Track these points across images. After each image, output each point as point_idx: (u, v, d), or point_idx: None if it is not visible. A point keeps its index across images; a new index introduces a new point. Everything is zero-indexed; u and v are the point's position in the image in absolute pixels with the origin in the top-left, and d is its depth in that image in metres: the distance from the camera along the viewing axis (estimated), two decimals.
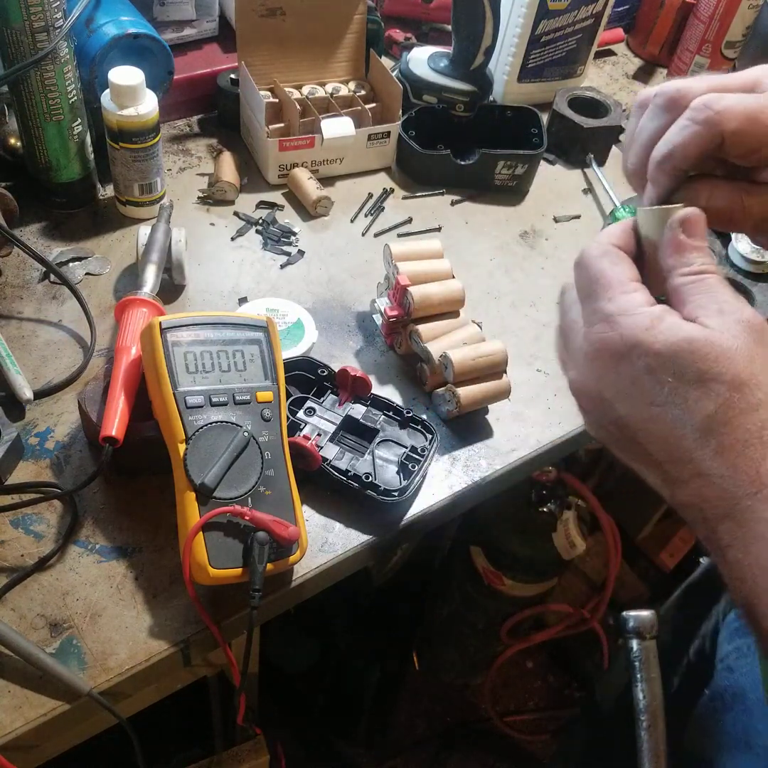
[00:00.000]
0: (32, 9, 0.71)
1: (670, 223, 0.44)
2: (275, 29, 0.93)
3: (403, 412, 0.71)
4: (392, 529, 0.67)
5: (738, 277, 0.93)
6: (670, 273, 0.44)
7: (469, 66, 0.99)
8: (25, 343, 0.75)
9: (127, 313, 0.70)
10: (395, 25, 1.18)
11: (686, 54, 1.19)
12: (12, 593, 0.59)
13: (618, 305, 0.42)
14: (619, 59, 1.28)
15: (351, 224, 0.93)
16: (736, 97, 0.46)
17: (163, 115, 0.84)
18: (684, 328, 0.41)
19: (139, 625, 0.59)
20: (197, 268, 0.85)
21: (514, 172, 0.98)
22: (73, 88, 0.79)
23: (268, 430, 0.60)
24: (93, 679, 0.56)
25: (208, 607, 0.58)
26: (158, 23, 0.95)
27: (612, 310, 0.42)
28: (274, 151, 0.91)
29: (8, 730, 0.53)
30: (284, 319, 0.77)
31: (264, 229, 0.90)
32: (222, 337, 0.61)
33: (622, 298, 0.43)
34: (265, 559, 0.56)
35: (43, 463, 0.67)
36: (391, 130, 0.96)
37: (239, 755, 0.83)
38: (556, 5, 1.04)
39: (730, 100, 0.45)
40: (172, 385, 0.58)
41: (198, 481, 0.56)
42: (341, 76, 1.01)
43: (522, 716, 1.57)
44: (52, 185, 0.85)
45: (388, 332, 0.79)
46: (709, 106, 0.45)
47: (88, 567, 0.61)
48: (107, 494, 0.65)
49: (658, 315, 0.42)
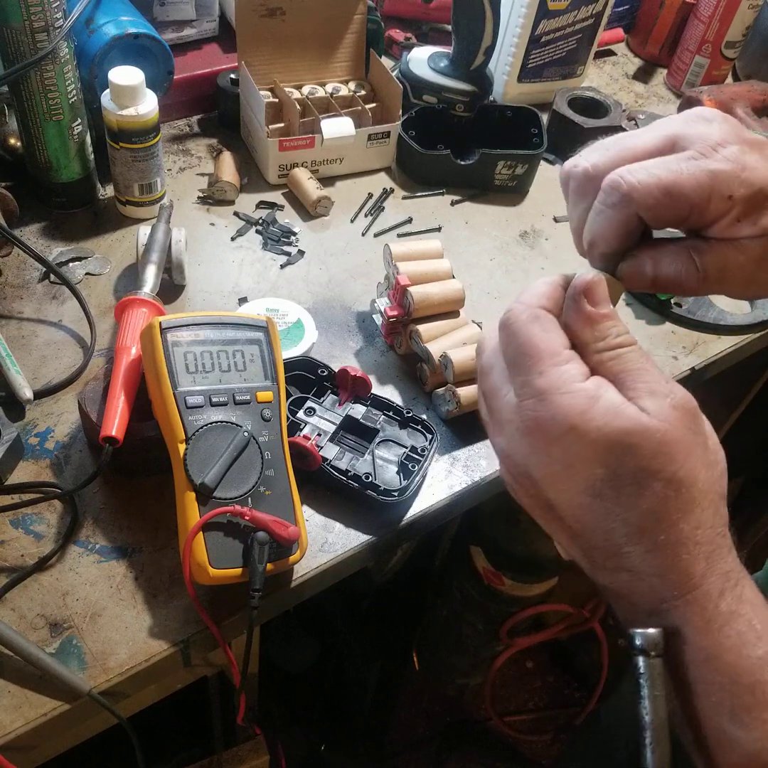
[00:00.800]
0: (32, 9, 0.71)
1: (573, 295, 0.42)
2: (275, 29, 0.93)
3: (403, 412, 0.71)
4: (392, 529, 0.67)
5: None
6: (586, 348, 0.41)
7: (469, 66, 0.99)
8: (25, 343, 0.75)
9: (127, 313, 0.70)
10: (395, 25, 1.18)
11: (686, 54, 1.19)
12: (12, 593, 0.59)
13: (550, 381, 0.39)
14: (619, 59, 1.28)
15: (351, 224, 0.93)
16: (649, 170, 0.42)
17: (163, 115, 0.84)
18: (621, 414, 0.38)
19: (139, 625, 0.59)
20: (197, 268, 0.85)
21: (514, 172, 0.98)
22: (73, 88, 0.79)
23: (268, 430, 0.60)
24: (93, 679, 0.56)
25: (208, 607, 0.58)
26: (158, 23, 0.95)
27: (544, 386, 0.39)
28: (274, 151, 0.91)
29: (8, 730, 0.53)
30: (284, 319, 0.77)
31: (264, 229, 0.90)
32: (222, 337, 0.61)
33: (554, 373, 0.40)
34: (265, 559, 0.56)
35: (43, 463, 0.67)
36: (391, 130, 0.96)
37: (239, 755, 0.83)
38: (556, 5, 1.04)
39: (641, 174, 0.41)
40: (172, 385, 0.58)
41: (198, 481, 0.56)
42: (341, 76, 1.01)
43: (522, 716, 1.57)
44: (52, 185, 0.85)
45: (388, 332, 0.79)
46: (617, 188, 0.42)
47: (88, 567, 0.61)
48: (107, 494, 0.65)
49: (593, 394, 0.39)
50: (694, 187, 0.41)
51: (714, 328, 0.87)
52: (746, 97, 1.12)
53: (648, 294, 0.87)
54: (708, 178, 0.41)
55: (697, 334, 0.87)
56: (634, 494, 0.39)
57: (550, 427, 0.39)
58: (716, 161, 0.41)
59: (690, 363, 0.84)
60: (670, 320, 0.88)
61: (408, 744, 1.51)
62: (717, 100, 1.11)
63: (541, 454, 0.40)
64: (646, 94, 1.23)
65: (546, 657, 1.64)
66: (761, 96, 1.13)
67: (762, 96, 1.13)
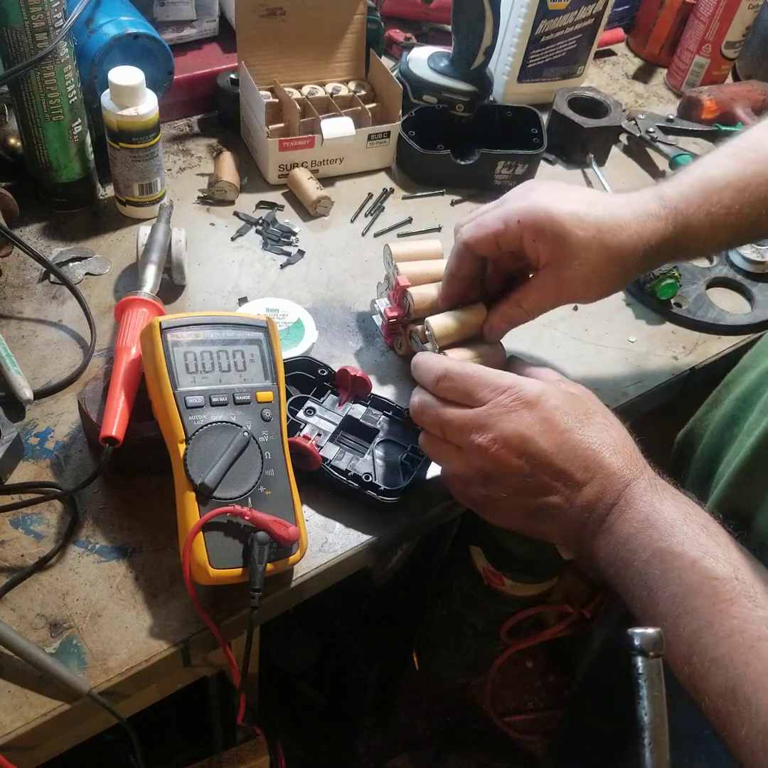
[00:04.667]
0: (32, 9, 0.71)
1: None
2: (275, 29, 0.93)
3: (403, 412, 0.71)
4: (392, 529, 0.67)
5: (738, 277, 0.93)
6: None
7: (469, 66, 0.99)
8: (25, 343, 0.75)
9: (127, 313, 0.70)
10: (395, 25, 1.18)
11: (686, 54, 1.19)
12: (12, 593, 0.59)
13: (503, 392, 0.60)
14: (619, 59, 1.28)
15: (351, 224, 0.93)
16: (473, 225, 0.65)
17: (163, 115, 0.84)
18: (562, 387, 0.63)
19: (139, 625, 0.59)
20: (197, 268, 0.85)
21: (514, 172, 0.98)
22: (73, 88, 0.79)
23: (268, 430, 0.60)
24: (93, 679, 0.56)
25: (208, 607, 0.58)
26: (158, 23, 0.95)
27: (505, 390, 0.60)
28: (274, 151, 0.91)
29: (8, 730, 0.53)
30: (284, 319, 0.77)
31: (264, 229, 0.90)
32: (222, 337, 0.61)
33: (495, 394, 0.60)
34: (265, 559, 0.56)
35: (43, 463, 0.67)
36: (391, 130, 0.96)
37: (239, 755, 0.83)
38: (556, 5, 1.04)
39: (467, 230, 0.66)
40: (172, 385, 0.58)
41: (198, 481, 0.56)
42: (341, 76, 1.01)
43: (522, 716, 1.57)
44: (52, 185, 0.85)
45: (388, 333, 0.79)
46: (456, 236, 0.68)
47: (88, 567, 0.61)
48: (107, 494, 0.65)
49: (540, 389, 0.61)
50: (497, 222, 0.64)
51: (714, 328, 0.87)
52: (746, 97, 1.12)
53: (648, 294, 0.87)
54: (502, 213, 0.65)
55: (697, 334, 0.87)
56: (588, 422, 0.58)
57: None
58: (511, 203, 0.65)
59: (690, 363, 0.84)
60: (670, 320, 0.88)
61: (408, 744, 1.51)
62: (717, 100, 1.11)
63: (532, 422, 0.57)
64: (646, 94, 1.22)
65: (546, 657, 1.64)
66: (761, 96, 1.13)
67: (762, 96, 1.13)
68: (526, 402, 0.58)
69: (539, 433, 0.57)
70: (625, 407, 0.79)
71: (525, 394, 0.58)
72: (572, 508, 0.57)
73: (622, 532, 0.55)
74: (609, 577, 0.56)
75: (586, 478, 0.56)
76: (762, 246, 0.92)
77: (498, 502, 0.60)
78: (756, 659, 0.46)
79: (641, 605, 0.53)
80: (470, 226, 0.66)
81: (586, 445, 0.57)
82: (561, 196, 0.63)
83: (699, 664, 0.48)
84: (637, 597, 0.53)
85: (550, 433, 0.57)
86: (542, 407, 0.57)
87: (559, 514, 0.58)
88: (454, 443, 0.60)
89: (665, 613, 0.51)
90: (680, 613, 0.50)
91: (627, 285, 0.89)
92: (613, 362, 0.83)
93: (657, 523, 0.53)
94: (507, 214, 0.63)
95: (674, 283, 0.86)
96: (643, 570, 0.53)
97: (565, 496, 0.57)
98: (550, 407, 0.58)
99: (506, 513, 0.61)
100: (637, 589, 0.53)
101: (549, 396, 0.58)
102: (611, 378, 0.81)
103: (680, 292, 0.88)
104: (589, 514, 0.57)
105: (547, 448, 0.57)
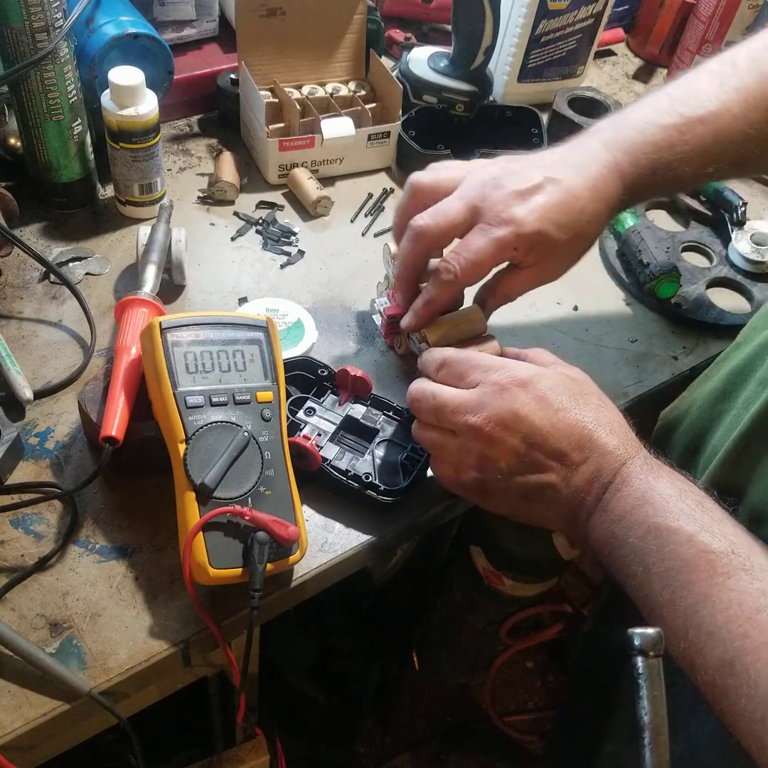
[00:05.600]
0: (32, 9, 0.71)
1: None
2: (275, 29, 0.93)
3: (403, 412, 0.71)
4: (392, 529, 0.67)
5: (738, 277, 0.93)
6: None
7: (469, 66, 0.99)
8: (25, 343, 0.75)
9: (127, 313, 0.70)
10: (395, 25, 1.18)
11: (686, 54, 1.19)
12: (12, 593, 0.59)
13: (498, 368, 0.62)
14: (619, 59, 1.28)
15: (351, 224, 0.93)
16: (462, 258, 0.64)
17: (163, 115, 0.84)
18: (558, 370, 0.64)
19: (139, 625, 0.59)
20: (197, 268, 0.85)
21: None
22: (73, 88, 0.79)
23: (268, 430, 0.60)
24: (93, 679, 0.56)
25: (208, 607, 0.58)
26: (158, 23, 0.95)
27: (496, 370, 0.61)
28: (274, 151, 0.91)
29: (8, 730, 0.53)
30: (284, 319, 0.77)
31: (264, 229, 0.90)
32: (222, 337, 0.61)
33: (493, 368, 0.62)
34: (265, 559, 0.56)
35: (43, 463, 0.67)
36: (391, 130, 0.96)
37: (239, 755, 0.83)
38: (556, 5, 1.04)
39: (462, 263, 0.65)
40: (172, 385, 0.58)
41: (198, 481, 0.56)
42: (341, 76, 1.01)
43: (522, 716, 1.57)
44: (52, 185, 0.85)
45: (388, 332, 0.79)
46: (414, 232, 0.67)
47: (88, 567, 0.61)
48: (107, 494, 0.65)
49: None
50: (492, 253, 0.63)
51: (714, 328, 0.87)
52: None
53: (648, 294, 0.87)
54: (494, 246, 0.62)
55: (697, 334, 0.87)
56: (583, 402, 0.58)
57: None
58: (500, 230, 0.62)
59: (690, 363, 0.84)
60: (670, 320, 0.88)
61: (408, 744, 1.51)
62: None
63: (530, 401, 0.58)
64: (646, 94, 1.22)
65: (546, 657, 1.64)
66: None
67: None
68: (520, 381, 0.58)
69: (534, 411, 0.57)
70: (625, 407, 0.79)
71: (518, 373, 0.59)
72: (568, 488, 0.57)
73: (618, 510, 0.55)
74: (603, 557, 0.56)
75: (581, 458, 0.57)
76: (762, 246, 0.92)
77: (493, 484, 0.60)
78: (754, 630, 0.46)
79: (636, 583, 0.53)
80: (458, 258, 0.64)
81: (581, 425, 0.57)
82: (533, 200, 0.63)
83: (696, 638, 0.48)
84: (632, 574, 0.53)
85: (544, 411, 0.57)
86: (536, 386, 0.58)
87: (555, 494, 0.58)
88: (448, 429, 0.61)
89: (661, 588, 0.51)
90: (676, 588, 0.50)
91: (627, 285, 0.90)
92: (613, 362, 0.83)
93: (653, 499, 0.54)
94: (500, 241, 0.62)
95: (674, 283, 0.86)
96: (639, 546, 0.53)
97: (561, 475, 0.57)
98: (545, 387, 0.58)
99: (502, 495, 0.60)
100: (632, 566, 0.53)
101: (542, 377, 0.59)
102: (611, 378, 0.81)
103: (680, 292, 0.88)
104: (585, 494, 0.57)
105: (541, 426, 0.57)
